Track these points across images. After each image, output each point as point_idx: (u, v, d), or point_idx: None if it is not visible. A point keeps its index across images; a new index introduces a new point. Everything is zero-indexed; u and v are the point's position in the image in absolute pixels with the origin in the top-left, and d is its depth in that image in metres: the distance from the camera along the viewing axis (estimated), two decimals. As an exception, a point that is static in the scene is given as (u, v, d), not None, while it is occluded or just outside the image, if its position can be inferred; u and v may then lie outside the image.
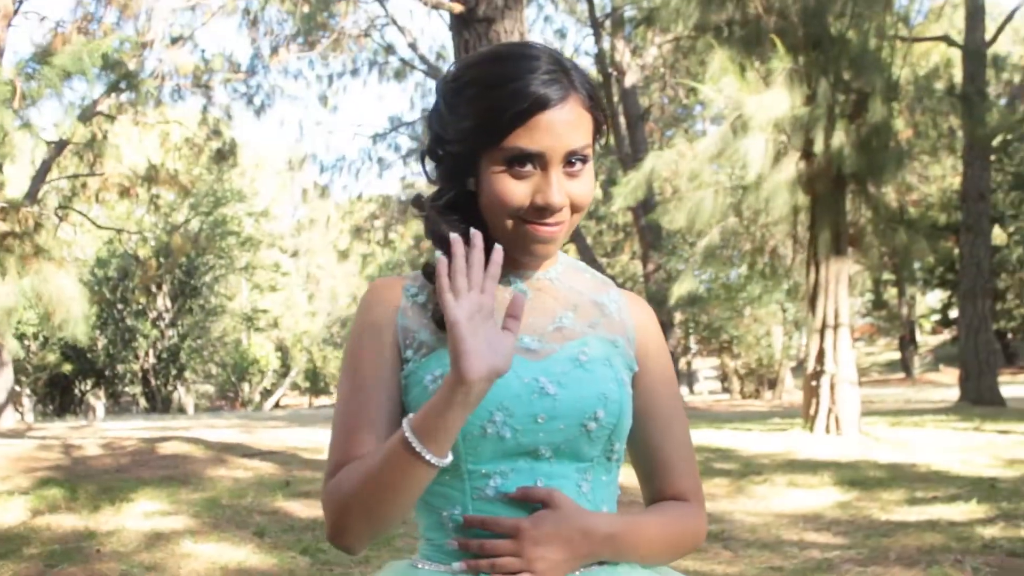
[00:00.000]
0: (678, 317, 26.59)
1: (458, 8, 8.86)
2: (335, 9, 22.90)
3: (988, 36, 20.81)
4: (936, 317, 47.50)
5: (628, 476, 1.61)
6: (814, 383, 13.53)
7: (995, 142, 23.83)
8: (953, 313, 40.76)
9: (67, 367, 31.87)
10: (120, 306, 33.26)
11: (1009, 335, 39.19)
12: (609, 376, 1.51)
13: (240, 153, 25.28)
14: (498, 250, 1.39)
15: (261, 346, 43.15)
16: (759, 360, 29.60)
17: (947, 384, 32.52)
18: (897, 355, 43.68)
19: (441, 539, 1.49)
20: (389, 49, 26.20)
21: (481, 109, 1.45)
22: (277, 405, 43.44)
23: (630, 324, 1.62)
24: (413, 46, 24.77)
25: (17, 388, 31.25)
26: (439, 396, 1.34)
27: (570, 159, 1.47)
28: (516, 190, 1.46)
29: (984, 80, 19.90)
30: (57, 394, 33.29)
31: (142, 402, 34.27)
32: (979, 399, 18.99)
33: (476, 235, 1.38)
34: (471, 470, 1.46)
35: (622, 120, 24.72)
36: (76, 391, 33.82)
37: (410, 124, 28.51)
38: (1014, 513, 7.21)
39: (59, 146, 18.64)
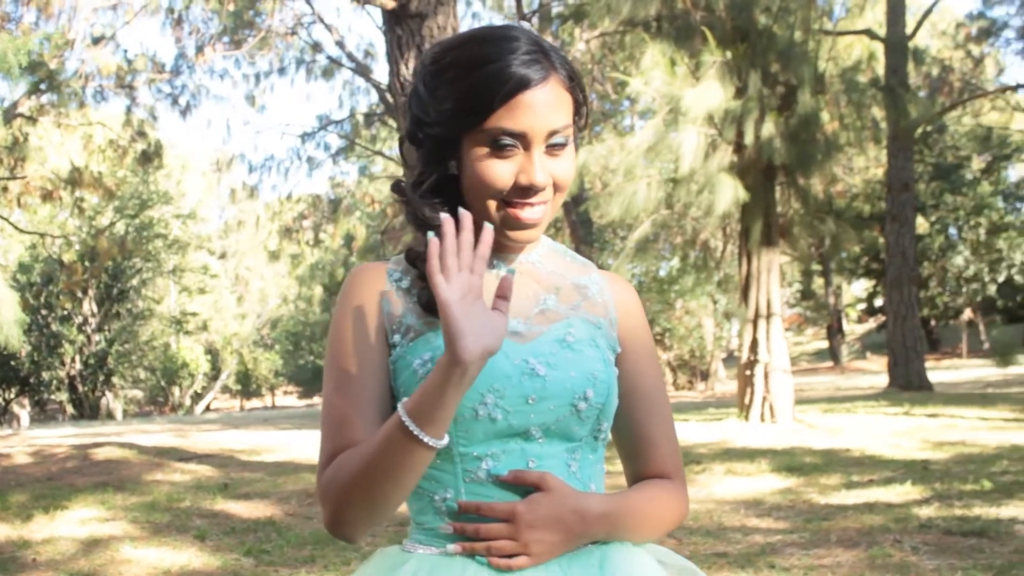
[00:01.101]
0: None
1: (390, 4, 8.80)
2: (261, 7, 22.64)
3: (908, 30, 21.25)
4: (862, 306, 48.42)
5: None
6: (748, 372, 13.72)
7: (916, 133, 24.34)
8: (878, 301, 41.60)
9: (-11, 375, 31.16)
10: (45, 312, 32.58)
11: (932, 322, 40.04)
12: (596, 356, 1.52)
13: (166, 154, 24.91)
14: (488, 229, 1.38)
15: (191, 349, 42.58)
16: (691, 351, 29.94)
17: (874, 371, 33.19)
18: (825, 344, 44.48)
19: (433, 523, 1.48)
20: (316, 47, 25.97)
21: (462, 90, 1.45)
22: (208, 409, 42.90)
23: (611, 305, 1.62)
24: (341, 44, 24.56)
25: (-61, 398, 30.53)
26: (433, 378, 1.33)
27: (552, 139, 1.47)
28: (499, 171, 1.46)
29: (905, 72, 20.32)
30: (-21, 403, 32.51)
31: (69, 409, 33.58)
32: (907, 384, 19.41)
33: (466, 216, 1.36)
34: (463, 453, 1.46)
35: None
36: (-1, 400, 33.06)
37: (339, 123, 28.28)
38: (947, 493, 7.38)
39: (-22, 149, 18.20)
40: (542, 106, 1.44)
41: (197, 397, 43.38)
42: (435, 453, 1.38)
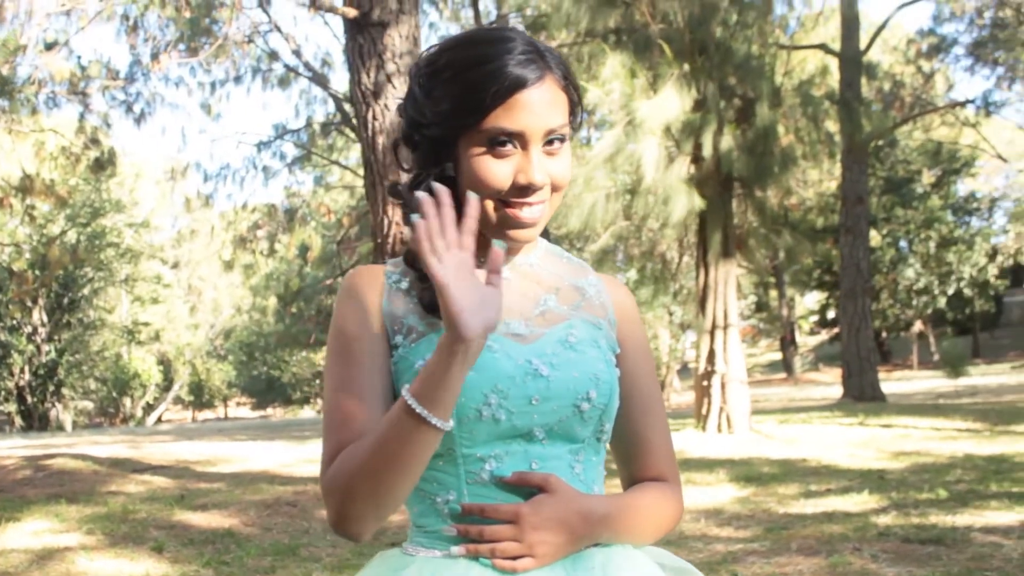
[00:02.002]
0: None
1: (352, 13, 8.77)
2: (218, 15, 22.47)
3: (861, 46, 21.53)
4: (814, 318, 48.91)
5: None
6: (705, 383, 13.80)
7: (869, 147, 24.69)
8: (831, 314, 42.06)
9: (-65, 386, 30.65)
10: (-8, 322, 32.13)
11: (883, 334, 40.55)
12: (598, 357, 1.53)
13: (119, 162, 24.62)
14: (472, 203, 1.37)
15: (143, 360, 42.09)
16: (647, 363, 30.02)
17: (827, 382, 33.54)
18: (778, 356, 44.87)
19: (435, 525, 1.48)
20: (273, 56, 25.82)
21: (459, 91, 1.45)
22: (160, 420, 42.44)
23: (610, 307, 1.63)
24: (297, 53, 24.42)
25: None
26: (436, 359, 1.33)
27: (549, 138, 1.48)
28: (497, 170, 1.46)
29: (859, 87, 20.61)
30: (-76, 415, 31.98)
31: (17, 421, 33.07)
32: (861, 395, 19.62)
33: (442, 191, 1.35)
34: (466, 454, 1.45)
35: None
36: (-55, 411, 32.53)
37: (295, 132, 28.11)
38: (904, 502, 7.47)
39: (-73, 155, 17.91)
40: (539, 105, 1.45)
41: (149, 408, 42.88)
42: (441, 437, 1.37)
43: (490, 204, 1.48)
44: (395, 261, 1.59)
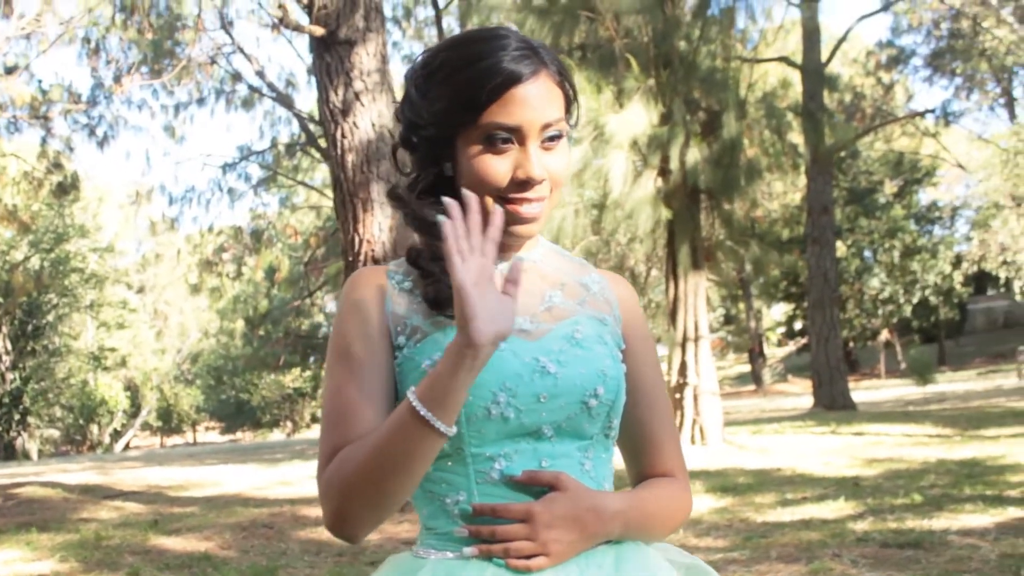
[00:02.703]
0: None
1: (319, 31, 8.77)
2: (181, 37, 22.38)
3: (822, 58, 21.75)
4: (782, 329, 49.18)
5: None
6: (677, 395, 13.83)
7: (832, 158, 24.91)
8: (798, 325, 42.31)
9: (-103, 417, 30.21)
10: (-45, 351, 31.73)
11: (851, 343, 40.83)
12: (604, 353, 1.52)
13: (82, 187, 24.42)
14: (498, 212, 1.38)
15: (109, 386, 41.65)
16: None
17: (796, 393, 33.71)
18: (747, 368, 45.01)
19: (446, 527, 1.46)
20: (236, 77, 25.72)
21: (455, 89, 1.46)
22: (128, 446, 42.01)
23: (614, 302, 1.63)
24: (261, 74, 24.36)
25: None
26: (444, 363, 1.32)
27: (547, 133, 1.48)
28: (496, 167, 1.46)
29: (822, 98, 20.81)
30: None
31: (-18, 451, 32.65)
32: (832, 404, 19.74)
33: (471, 197, 1.36)
34: (475, 453, 1.44)
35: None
36: (-92, 442, 32.05)
37: (260, 153, 28.00)
38: (879, 508, 7.52)
39: None
40: (535, 99, 1.46)
41: (116, 435, 42.44)
42: (444, 442, 1.37)
43: (490, 201, 1.48)
44: (398, 262, 1.59)
